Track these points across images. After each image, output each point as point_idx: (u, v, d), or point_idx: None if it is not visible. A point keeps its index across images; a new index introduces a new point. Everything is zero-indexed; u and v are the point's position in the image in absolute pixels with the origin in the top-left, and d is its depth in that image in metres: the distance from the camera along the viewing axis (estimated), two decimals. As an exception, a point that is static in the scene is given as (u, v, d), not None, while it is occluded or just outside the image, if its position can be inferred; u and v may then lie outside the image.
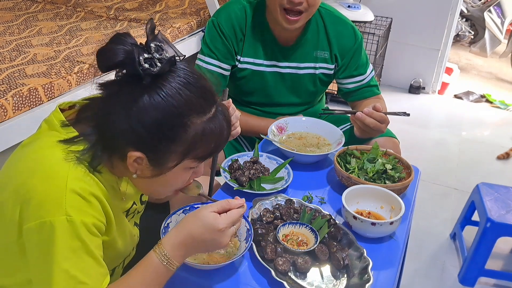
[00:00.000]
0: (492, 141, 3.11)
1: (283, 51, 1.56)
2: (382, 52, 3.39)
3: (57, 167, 0.81)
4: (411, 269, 1.91)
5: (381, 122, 1.40)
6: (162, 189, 0.94)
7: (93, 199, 0.83)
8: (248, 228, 1.05)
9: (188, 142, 0.83)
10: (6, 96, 1.96)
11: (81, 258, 0.82)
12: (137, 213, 1.11)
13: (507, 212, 1.83)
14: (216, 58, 1.54)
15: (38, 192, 0.80)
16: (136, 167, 0.85)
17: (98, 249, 0.85)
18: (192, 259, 1.00)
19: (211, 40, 1.54)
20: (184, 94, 0.81)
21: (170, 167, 0.86)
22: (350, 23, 1.59)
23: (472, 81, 4.11)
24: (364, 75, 1.61)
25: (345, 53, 1.58)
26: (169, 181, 0.90)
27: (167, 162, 0.85)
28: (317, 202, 1.25)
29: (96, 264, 0.85)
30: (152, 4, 3.49)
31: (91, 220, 0.82)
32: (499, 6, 4.30)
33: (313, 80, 1.60)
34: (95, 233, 0.84)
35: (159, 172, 0.86)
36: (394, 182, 1.29)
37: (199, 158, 0.88)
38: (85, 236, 0.81)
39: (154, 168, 0.86)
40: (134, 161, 0.84)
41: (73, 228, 0.79)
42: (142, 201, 1.10)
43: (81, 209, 0.81)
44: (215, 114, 0.86)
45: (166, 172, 0.86)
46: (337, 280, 1.00)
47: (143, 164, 0.85)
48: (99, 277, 0.86)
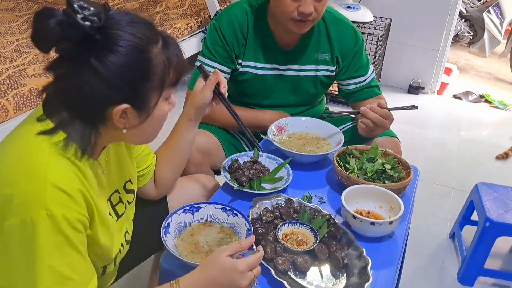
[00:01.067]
0: (491, 141, 3.11)
1: (284, 54, 1.56)
2: (382, 52, 3.40)
3: (36, 162, 0.80)
4: (410, 268, 1.92)
5: (384, 118, 1.40)
6: (152, 130, 0.94)
7: (74, 192, 0.82)
8: (248, 227, 1.06)
9: (159, 73, 0.85)
10: (7, 96, 1.97)
11: (66, 253, 0.81)
12: (129, 203, 1.09)
13: (506, 211, 1.84)
14: (216, 60, 1.54)
15: (17, 187, 0.79)
16: (123, 121, 0.86)
17: (82, 245, 0.84)
18: (190, 258, 1.01)
19: (211, 43, 1.54)
20: (135, 32, 0.82)
21: (154, 104, 0.87)
22: (351, 25, 1.60)
23: (471, 81, 4.11)
24: (365, 75, 1.62)
25: (346, 54, 1.58)
26: (156, 119, 0.91)
27: (150, 101, 0.87)
28: (317, 201, 1.26)
29: (82, 259, 0.84)
30: (153, 4, 3.50)
31: (73, 215, 0.81)
32: (498, 6, 4.31)
33: (314, 82, 1.61)
34: (79, 228, 0.83)
35: (146, 115, 0.87)
36: (393, 181, 1.30)
37: (173, 84, 0.91)
38: (67, 231, 0.80)
39: (141, 113, 0.86)
40: (120, 116, 0.84)
41: (55, 223, 0.78)
42: (127, 189, 1.08)
43: (62, 203, 0.80)
44: (164, 39, 0.88)
45: (152, 112, 0.88)
46: (337, 280, 1.00)
47: (129, 116, 0.85)
48: (86, 273, 0.85)
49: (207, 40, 1.57)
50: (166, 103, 0.92)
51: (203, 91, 1.19)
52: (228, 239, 1.08)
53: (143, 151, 1.17)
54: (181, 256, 0.99)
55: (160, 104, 0.89)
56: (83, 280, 0.84)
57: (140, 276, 1.76)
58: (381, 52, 3.36)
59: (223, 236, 1.08)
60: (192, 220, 1.11)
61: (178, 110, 1.20)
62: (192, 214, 1.11)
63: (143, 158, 1.17)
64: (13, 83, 2.01)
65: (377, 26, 3.28)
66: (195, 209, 1.11)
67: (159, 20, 3.15)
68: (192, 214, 1.11)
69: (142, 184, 1.20)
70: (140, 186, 1.20)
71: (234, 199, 1.25)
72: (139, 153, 1.16)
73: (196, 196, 1.32)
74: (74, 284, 0.82)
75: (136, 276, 1.76)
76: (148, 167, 1.19)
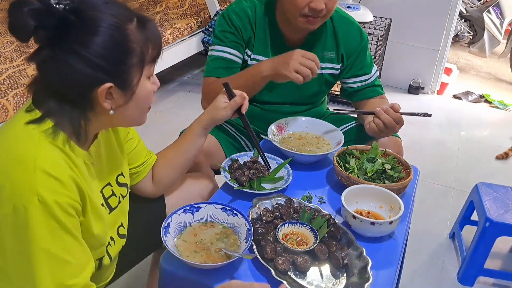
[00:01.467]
0: (491, 141, 3.11)
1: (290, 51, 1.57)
2: (382, 52, 3.40)
3: (25, 150, 0.81)
4: (410, 268, 1.92)
5: (396, 122, 1.41)
6: (139, 110, 0.94)
7: (65, 178, 0.82)
8: (248, 227, 1.06)
9: (138, 49, 0.86)
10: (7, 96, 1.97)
11: (60, 238, 0.81)
12: (122, 197, 1.10)
13: (506, 211, 1.84)
14: (227, 45, 1.53)
15: (8, 176, 0.79)
16: (109, 102, 0.87)
17: (76, 229, 0.85)
18: (191, 258, 1.01)
19: (220, 31, 1.54)
20: (111, 11, 0.83)
21: (137, 82, 0.88)
22: (356, 23, 1.62)
23: (471, 81, 4.11)
24: (369, 74, 1.63)
25: (351, 53, 1.59)
26: (141, 98, 0.91)
27: (133, 78, 0.87)
28: (317, 201, 1.26)
29: (77, 243, 0.84)
30: (153, 4, 3.50)
31: (65, 200, 0.81)
32: (498, 6, 4.31)
33: (319, 81, 1.61)
34: (71, 213, 0.83)
35: (131, 93, 0.88)
36: (393, 181, 1.30)
37: (153, 60, 0.91)
38: (60, 216, 0.80)
39: (125, 91, 0.87)
40: (106, 97, 0.85)
41: (47, 208, 0.79)
42: (120, 183, 1.09)
43: (53, 189, 0.80)
44: (138, 17, 0.88)
45: (136, 90, 0.89)
46: (337, 279, 1.00)
47: (114, 95, 0.86)
48: (82, 255, 0.85)
49: (216, 29, 1.57)
50: (149, 82, 0.93)
51: (226, 109, 1.22)
52: (228, 239, 1.07)
53: (136, 147, 1.17)
54: (181, 256, 0.99)
55: (143, 82, 0.90)
56: (80, 262, 0.85)
57: (139, 275, 1.76)
58: (381, 52, 3.36)
59: (223, 236, 1.08)
60: (192, 220, 1.11)
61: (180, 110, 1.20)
62: (192, 214, 1.11)
63: (136, 154, 1.17)
64: (13, 83, 2.01)
65: (377, 26, 3.28)
66: (195, 209, 1.11)
67: (159, 20, 3.15)
68: (192, 214, 1.11)
69: (136, 182, 1.20)
70: (134, 183, 1.20)
71: (234, 199, 1.24)
72: (132, 148, 1.16)
73: (195, 195, 1.33)
74: (72, 266, 0.83)
75: (135, 276, 1.76)
76: (143, 165, 1.19)
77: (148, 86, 0.92)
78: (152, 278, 1.47)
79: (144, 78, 0.90)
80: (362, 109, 1.62)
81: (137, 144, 1.17)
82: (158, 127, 2.93)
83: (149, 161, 1.21)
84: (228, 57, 1.54)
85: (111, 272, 1.13)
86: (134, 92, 0.89)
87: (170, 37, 2.99)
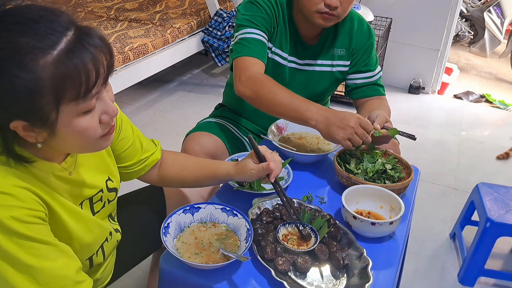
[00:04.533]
0: (492, 141, 3.11)
1: (305, 49, 1.58)
2: (382, 52, 3.40)
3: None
4: (411, 269, 1.91)
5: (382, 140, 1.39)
6: (79, 143, 0.84)
7: (16, 191, 0.78)
8: (248, 228, 1.05)
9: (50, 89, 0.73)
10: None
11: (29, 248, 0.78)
12: (109, 202, 1.06)
13: (506, 212, 1.83)
14: (261, 29, 1.48)
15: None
16: (32, 135, 0.79)
17: (45, 234, 0.81)
18: (193, 259, 1.00)
19: (251, 15, 1.48)
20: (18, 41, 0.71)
21: (53, 120, 0.77)
22: (366, 22, 1.64)
23: (472, 81, 4.11)
24: (373, 72, 1.64)
25: (359, 49, 1.61)
26: (73, 133, 0.80)
27: (48, 117, 0.76)
28: (317, 202, 1.25)
29: (50, 246, 0.81)
30: (152, 4, 3.50)
31: (22, 212, 0.77)
32: (499, 6, 4.31)
33: (329, 78, 1.63)
34: (34, 221, 0.79)
35: (51, 129, 0.78)
36: (393, 182, 1.29)
37: (77, 98, 0.76)
38: (21, 229, 0.77)
39: (43, 127, 0.78)
40: (24, 131, 0.77)
41: (4, 226, 0.75)
42: (109, 188, 1.05)
43: (6, 205, 0.76)
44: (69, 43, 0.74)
45: (57, 126, 0.78)
46: (337, 280, 1.00)
47: (34, 130, 0.78)
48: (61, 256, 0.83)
49: (243, 15, 1.49)
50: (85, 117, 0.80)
51: (252, 172, 1.10)
52: (228, 239, 1.07)
53: (130, 146, 1.11)
54: (180, 256, 0.98)
55: (68, 119, 0.78)
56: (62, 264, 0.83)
57: (139, 276, 1.76)
58: (381, 52, 3.36)
59: (223, 237, 1.08)
60: (192, 220, 1.10)
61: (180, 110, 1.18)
62: (192, 214, 1.10)
63: (130, 153, 1.12)
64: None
65: (378, 25, 3.28)
66: (195, 209, 1.11)
67: (159, 20, 3.15)
68: (192, 214, 1.10)
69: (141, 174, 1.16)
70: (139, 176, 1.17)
71: (234, 199, 1.24)
72: (125, 148, 1.10)
73: (195, 195, 1.32)
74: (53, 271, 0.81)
75: (135, 277, 1.76)
76: (137, 163, 1.14)
77: (79, 123, 0.79)
78: (152, 278, 1.46)
79: (71, 115, 0.78)
80: (361, 109, 1.62)
81: (131, 143, 1.11)
82: (158, 127, 2.93)
83: (154, 157, 1.17)
84: (263, 40, 1.48)
85: (109, 272, 1.12)
86: (54, 130, 0.78)
87: (170, 37, 2.99)
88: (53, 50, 0.73)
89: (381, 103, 1.60)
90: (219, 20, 3.27)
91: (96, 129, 0.82)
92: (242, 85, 1.40)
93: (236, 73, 1.43)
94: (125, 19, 3.17)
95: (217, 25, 3.26)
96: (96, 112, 0.81)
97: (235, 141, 1.62)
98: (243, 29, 1.47)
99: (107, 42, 0.79)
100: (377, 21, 3.32)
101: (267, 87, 1.37)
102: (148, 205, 1.25)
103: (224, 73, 3.76)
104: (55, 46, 0.73)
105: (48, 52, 0.72)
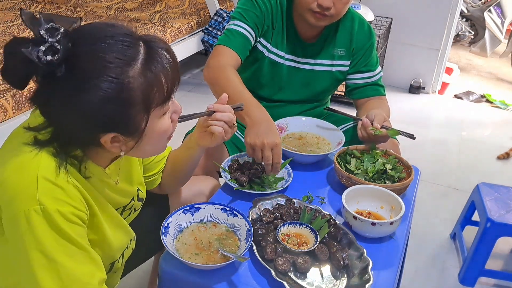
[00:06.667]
0: (492, 141, 3.11)
1: (304, 48, 1.59)
2: (382, 52, 3.40)
3: (27, 159, 0.79)
4: (411, 269, 1.91)
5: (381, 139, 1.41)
6: (156, 145, 0.90)
7: (68, 186, 0.80)
8: (248, 228, 1.05)
9: (141, 98, 0.79)
10: (6, 96, 1.96)
11: (64, 246, 0.79)
12: (134, 211, 1.11)
13: (507, 212, 1.83)
14: (248, 24, 1.51)
15: (10, 183, 0.78)
16: (117, 146, 0.83)
17: (81, 237, 0.82)
18: (193, 259, 1.00)
19: (244, 10, 1.51)
20: (104, 57, 0.75)
21: (144, 126, 0.82)
22: (367, 22, 1.64)
23: (472, 81, 4.11)
24: (373, 72, 1.64)
25: (359, 48, 1.61)
26: (155, 136, 0.87)
27: (139, 125, 0.82)
28: (317, 202, 1.25)
29: (82, 250, 0.82)
30: (152, 4, 3.49)
31: (68, 209, 0.79)
32: (499, 6, 4.30)
33: (329, 78, 1.63)
34: (75, 221, 0.80)
35: (139, 136, 0.84)
36: (394, 182, 1.29)
37: (163, 102, 0.83)
38: (63, 225, 0.78)
39: (132, 136, 0.83)
40: (111, 143, 0.82)
41: (49, 217, 0.77)
42: (139, 198, 1.10)
43: (56, 197, 0.78)
44: (146, 52, 0.79)
45: (145, 133, 0.84)
46: (337, 280, 1.00)
47: (121, 140, 0.83)
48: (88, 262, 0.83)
49: (239, 7, 1.54)
50: (164, 118, 0.87)
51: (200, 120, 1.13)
52: (228, 240, 1.07)
53: (154, 158, 1.16)
54: (181, 257, 0.98)
55: (154, 123, 0.84)
56: (87, 270, 0.82)
57: (139, 276, 1.76)
58: (381, 52, 3.36)
59: (223, 237, 1.07)
60: (191, 220, 1.10)
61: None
62: (191, 215, 1.10)
63: (153, 165, 1.17)
64: (13, 82, 2.00)
65: (378, 25, 3.28)
66: (194, 209, 1.11)
67: (159, 20, 3.15)
68: (192, 214, 1.10)
69: (150, 187, 1.20)
70: (149, 188, 1.20)
71: (234, 199, 1.24)
72: (150, 160, 1.15)
73: (197, 196, 1.32)
74: (77, 275, 0.81)
75: (136, 277, 1.76)
76: (157, 173, 1.19)
77: (162, 124, 0.86)
78: (153, 279, 1.46)
79: (155, 119, 0.84)
80: (361, 109, 1.63)
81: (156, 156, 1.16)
82: (158, 127, 2.93)
83: (163, 166, 1.21)
84: (247, 35, 1.51)
85: (119, 276, 1.12)
86: (142, 136, 0.84)
87: (169, 37, 2.98)
88: (136, 61, 0.78)
89: (381, 103, 1.61)
90: (219, 19, 3.27)
91: (170, 128, 0.90)
92: (207, 70, 1.47)
93: (209, 58, 1.50)
94: (125, 19, 3.17)
95: (217, 24, 3.26)
96: (169, 112, 0.88)
97: (235, 141, 1.61)
98: (233, 21, 1.53)
99: (169, 46, 0.84)
100: (377, 21, 3.32)
101: (224, 76, 1.40)
102: (152, 207, 1.25)
103: (224, 73, 3.76)
104: (137, 58, 0.78)
105: (134, 63, 0.77)
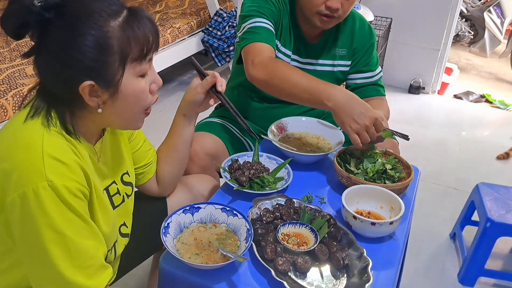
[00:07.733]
0: (492, 141, 3.11)
1: (307, 48, 1.58)
2: (382, 52, 3.40)
3: (31, 137, 0.82)
4: (411, 269, 1.91)
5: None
6: (132, 109, 0.92)
7: (72, 163, 0.83)
8: (248, 228, 1.05)
9: (118, 48, 0.84)
10: (6, 96, 1.97)
11: (72, 221, 0.82)
12: (127, 197, 1.10)
13: (507, 212, 1.83)
14: (268, 19, 1.46)
15: (15, 162, 0.80)
16: (95, 100, 0.86)
17: (86, 212, 0.86)
18: (193, 259, 1.00)
19: (259, 6, 1.47)
20: (91, 6, 0.82)
21: (119, 78, 0.86)
22: (367, 22, 1.64)
23: (472, 81, 4.11)
24: (373, 72, 1.64)
25: (359, 49, 1.62)
26: (129, 96, 0.89)
27: (113, 76, 0.85)
28: (317, 202, 1.25)
29: (87, 225, 0.85)
30: (152, 4, 3.49)
31: (74, 185, 0.82)
32: (499, 6, 4.31)
33: (330, 78, 1.63)
34: (80, 196, 0.84)
35: (114, 90, 0.86)
36: (394, 182, 1.29)
37: (139, 58, 0.87)
38: (70, 199, 0.81)
39: (107, 88, 0.86)
40: (90, 94, 0.85)
41: (57, 192, 0.79)
42: (124, 181, 1.09)
43: (62, 173, 0.81)
44: (128, 14, 0.86)
45: (120, 87, 0.87)
46: (337, 280, 1.00)
47: (99, 93, 0.86)
48: (94, 237, 0.86)
49: (249, 6, 1.48)
50: (140, 80, 0.90)
51: (197, 88, 1.15)
52: (228, 239, 1.07)
53: (141, 147, 1.17)
54: (181, 257, 0.98)
55: (129, 79, 0.87)
56: (93, 244, 0.86)
57: (139, 276, 1.76)
58: (381, 52, 3.36)
59: (223, 237, 1.07)
60: (192, 220, 1.10)
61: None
62: (192, 215, 1.10)
63: (142, 154, 1.17)
64: (12, 82, 2.01)
65: (378, 25, 3.28)
66: (195, 209, 1.11)
67: (159, 20, 3.15)
68: (192, 214, 1.10)
69: (142, 182, 1.20)
70: (141, 183, 1.20)
71: (234, 199, 1.24)
72: (137, 148, 1.16)
73: (195, 196, 1.32)
74: (86, 248, 0.84)
75: (135, 276, 1.76)
76: (148, 165, 1.19)
77: (138, 84, 0.89)
78: (152, 279, 1.46)
79: (131, 76, 0.88)
80: None
81: (142, 144, 1.17)
82: (158, 127, 2.92)
83: (154, 161, 1.21)
84: (271, 29, 1.46)
85: (114, 271, 1.12)
86: (118, 89, 0.87)
87: (169, 37, 2.98)
88: (119, 16, 0.84)
89: (381, 103, 1.61)
90: (219, 20, 3.27)
91: (148, 95, 0.92)
92: (255, 69, 1.36)
93: (247, 58, 1.40)
94: (125, 19, 3.18)
95: (217, 25, 3.26)
96: (148, 79, 0.91)
97: (235, 141, 1.62)
98: (251, 19, 1.45)
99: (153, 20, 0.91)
100: (377, 21, 3.32)
101: (281, 68, 1.34)
102: (149, 206, 1.25)
103: (224, 73, 3.76)
104: (119, 15, 0.84)
105: (116, 17, 0.84)
